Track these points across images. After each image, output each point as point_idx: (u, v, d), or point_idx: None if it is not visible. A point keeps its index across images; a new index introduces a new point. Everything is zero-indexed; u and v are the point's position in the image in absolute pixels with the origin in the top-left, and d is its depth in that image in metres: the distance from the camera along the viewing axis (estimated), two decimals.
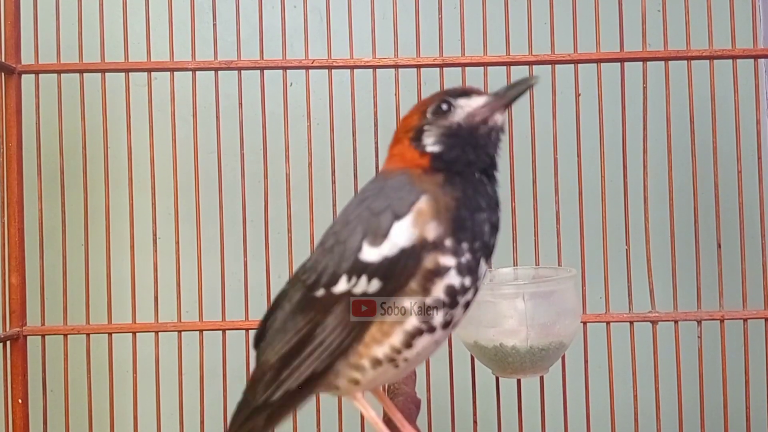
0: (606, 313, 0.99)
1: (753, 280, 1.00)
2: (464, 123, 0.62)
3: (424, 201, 0.58)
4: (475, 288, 0.60)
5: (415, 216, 0.58)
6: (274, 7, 1.08)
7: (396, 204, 0.58)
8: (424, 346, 0.59)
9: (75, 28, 1.00)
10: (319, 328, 0.59)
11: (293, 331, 0.60)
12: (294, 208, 1.00)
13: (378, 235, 0.58)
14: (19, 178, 0.98)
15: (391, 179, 0.62)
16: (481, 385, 0.99)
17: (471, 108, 0.62)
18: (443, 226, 0.58)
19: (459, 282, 0.58)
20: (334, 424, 0.98)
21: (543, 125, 1.01)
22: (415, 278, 0.57)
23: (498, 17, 1.01)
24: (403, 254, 0.57)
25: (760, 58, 1.00)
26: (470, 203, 0.59)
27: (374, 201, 0.60)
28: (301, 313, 0.61)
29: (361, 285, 0.58)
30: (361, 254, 0.58)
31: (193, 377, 0.99)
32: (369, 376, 0.60)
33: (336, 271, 0.59)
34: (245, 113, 1.00)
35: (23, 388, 0.97)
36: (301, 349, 0.60)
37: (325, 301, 0.59)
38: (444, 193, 0.59)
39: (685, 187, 1.02)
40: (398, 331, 0.58)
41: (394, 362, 0.59)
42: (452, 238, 0.58)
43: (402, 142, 0.64)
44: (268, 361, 0.61)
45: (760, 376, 1.05)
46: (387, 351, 0.59)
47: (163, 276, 1.00)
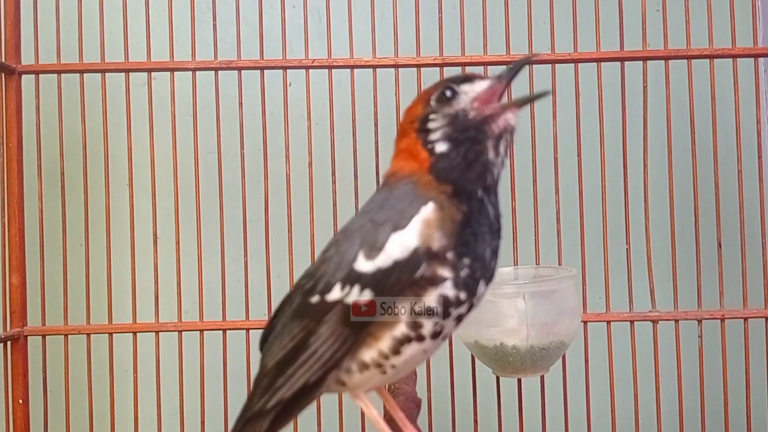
0: (606, 312, 0.99)
1: (753, 279, 1.00)
2: (470, 110, 0.60)
3: (430, 210, 0.57)
4: (470, 304, 0.59)
5: (419, 226, 0.57)
6: (273, 7, 1.08)
7: (397, 217, 0.58)
8: (411, 355, 0.59)
9: (75, 28, 1.00)
10: (313, 337, 0.59)
11: (289, 337, 0.60)
12: (294, 208, 1.00)
13: (374, 248, 0.57)
14: (20, 179, 0.98)
15: (396, 189, 0.60)
16: (482, 385, 0.99)
17: (475, 93, 0.61)
18: (447, 238, 0.57)
19: (454, 294, 0.57)
20: (334, 423, 0.98)
21: (543, 125, 1.01)
22: (408, 290, 0.57)
23: (498, 17, 1.01)
24: (397, 266, 0.56)
25: (760, 57, 1.00)
26: (475, 222, 0.58)
27: (377, 213, 0.59)
28: (298, 319, 0.60)
29: (353, 294, 0.58)
30: (356, 264, 0.58)
31: (194, 377, 0.99)
32: (355, 380, 0.60)
33: (331, 279, 0.59)
34: (245, 113, 1.00)
35: (24, 389, 0.97)
36: (296, 356, 0.59)
37: (319, 308, 0.59)
38: (451, 204, 0.58)
39: (686, 186, 1.02)
40: (387, 336, 0.58)
41: (382, 368, 0.59)
42: (454, 251, 0.57)
43: (408, 134, 0.63)
44: (266, 365, 0.61)
45: (761, 375, 1.06)
46: (375, 356, 0.58)
47: (163, 276, 1.00)
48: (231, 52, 1.01)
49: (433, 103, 0.62)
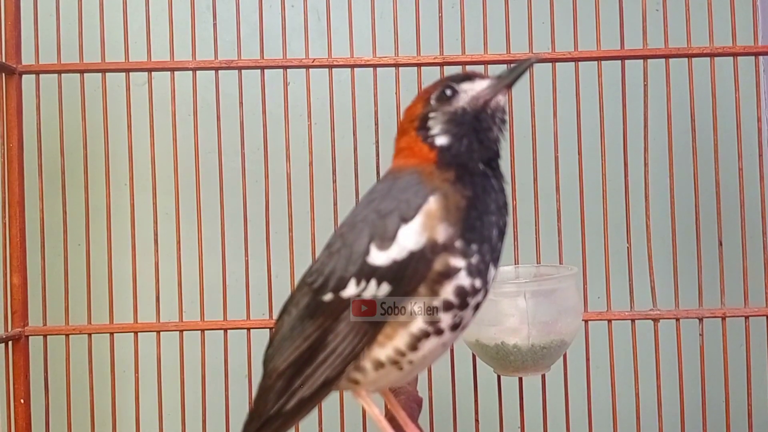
0: (607, 311, 0.99)
1: (754, 278, 1.00)
2: (469, 107, 0.61)
3: (433, 201, 0.57)
4: (485, 290, 0.59)
5: (423, 219, 0.56)
6: (273, 6, 1.08)
7: (403, 206, 0.57)
8: (430, 349, 0.58)
9: (75, 28, 1.00)
10: (331, 335, 0.58)
11: (302, 338, 0.59)
12: (294, 207, 1.00)
13: (385, 239, 0.57)
14: (20, 178, 0.98)
15: (400, 179, 0.60)
16: (483, 384, 0.99)
17: (475, 92, 0.61)
18: (453, 227, 0.56)
19: (469, 283, 0.57)
20: (335, 422, 0.98)
21: (544, 123, 1.01)
22: (426, 281, 0.56)
23: (498, 15, 1.01)
24: (413, 257, 0.56)
25: (760, 56, 1.00)
26: (481, 204, 0.58)
27: (381, 203, 0.59)
28: (310, 319, 0.59)
29: (370, 289, 0.57)
30: (368, 257, 0.57)
31: (195, 376, 0.99)
32: (370, 378, 0.59)
33: (343, 275, 0.58)
34: (245, 113, 1.00)
35: (25, 388, 0.97)
36: (314, 356, 0.58)
37: (334, 305, 0.58)
38: (455, 190, 0.58)
39: (686, 184, 1.02)
40: (403, 333, 0.57)
41: (398, 365, 0.58)
42: (462, 239, 0.56)
43: (408, 133, 0.63)
44: (277, 368, 0.60)
45: (762, 373, 1.06)
46: (390, 353, 0.58)
47: (164, 276, 1.00)
48: (231, 51, 1.01)
49: (433, 102, 0.62)
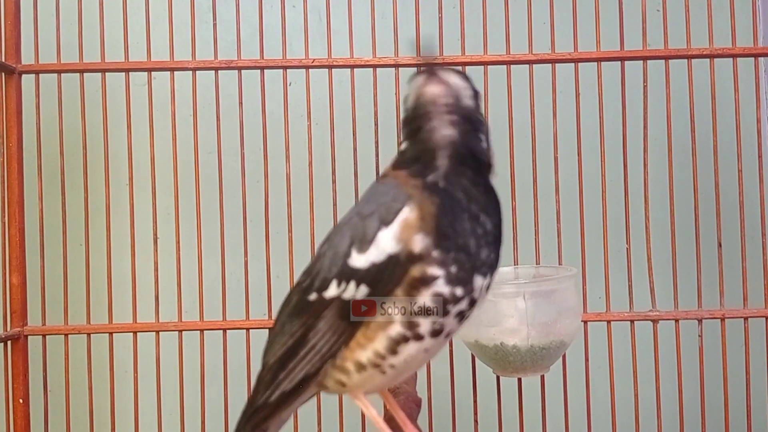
0: (607, 311, 0.99)
1: (754, 279, 1.00)
2: (419, 108, 0.60)
3: (408, 210, 0.57)
4: (471, 299, 0.59)
5: (400, 228, 0.57)
6: (273, 6, 1.08)
7: (382, 210, 0.58)
8: (411, 354, 0.59)
9: (75, 28, 1.00)
10: (312, 332, 0.60)
11: (289, 334, 0.62)
12: (294, 207, 1.00)
13: (365, 242, 0.58)
14: (20, 178, 0.98)
15: (381, 184, 0.62)
16: (482, 384, 0.99)
17: (429, 93, 0.60)
18: (429, 237, 0.56)
19: (449, 291, 0.57)
20: (335, 423, 0.98)
21: (543, 124, 1.01)
22: (402, 285, 0.57)
23: (498, 16, 1.01)
24: (391, 261, 0.57)
25: (760, 57, 1.00)
26: (451, 212, 0.57)
27: (364, 206, 0.61)
28: (297, 317, 0.62)
29: (349, 290, 0.58)
30: (349, 260, 0.59)
31: (194, 377, 0.99)
32: (354, 380, 0.60)
33: (327, 276, 0.60)
34: (245, 113, 1.00)
35: (24, 388, 0.97)
36: (296, 351, 0.61)
37: (317, 305, 0.60)
38: (424, 197, 0.58)
39: (686, 185, 1.02)
40: (381, 336, 0.58)
41: (380, 368, 0.59)
42: (439, 249, 0.56)
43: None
44: (268, 362, 0.63)
45: (761, 374, 1.06)
46: (370, 356, 0.59)
47: (163, 276, 1.00)
48: (231, 51, 1.01)
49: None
